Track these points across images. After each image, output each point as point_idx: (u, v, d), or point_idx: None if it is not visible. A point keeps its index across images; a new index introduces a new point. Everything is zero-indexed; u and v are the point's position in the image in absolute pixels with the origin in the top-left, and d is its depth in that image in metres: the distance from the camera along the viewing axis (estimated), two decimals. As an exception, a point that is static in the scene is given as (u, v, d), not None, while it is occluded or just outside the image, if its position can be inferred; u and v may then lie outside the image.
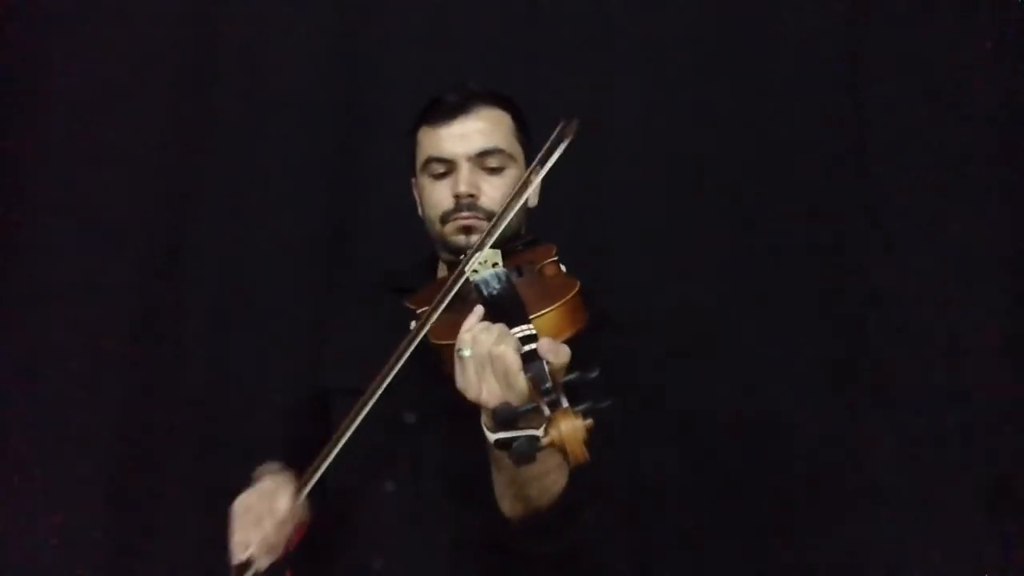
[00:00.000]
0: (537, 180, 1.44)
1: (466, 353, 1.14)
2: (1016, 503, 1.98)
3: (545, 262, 1.38)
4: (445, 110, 1.48)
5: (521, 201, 1.42)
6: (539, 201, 1.56)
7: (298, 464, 1.39)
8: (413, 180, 1.57)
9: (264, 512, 1.31)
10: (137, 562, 2.12)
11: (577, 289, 1.24)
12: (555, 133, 1.41)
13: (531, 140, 1.55)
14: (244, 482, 2.09)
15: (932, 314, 2.05)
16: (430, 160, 1.48)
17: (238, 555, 1.29)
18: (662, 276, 2.12)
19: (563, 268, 1.39)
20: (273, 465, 1.43)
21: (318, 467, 1.32)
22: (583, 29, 2.20)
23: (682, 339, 2.08)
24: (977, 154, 2.07)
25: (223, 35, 2.26)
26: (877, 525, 2.01)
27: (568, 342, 1.16)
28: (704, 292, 2.11)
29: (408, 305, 1.37)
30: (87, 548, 2.11)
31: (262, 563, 1.29)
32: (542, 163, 1.41)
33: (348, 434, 1.30)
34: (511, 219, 1.46)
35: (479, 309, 1.21)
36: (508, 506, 1.24)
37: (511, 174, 1.48)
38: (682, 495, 2.06)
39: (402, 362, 1.29)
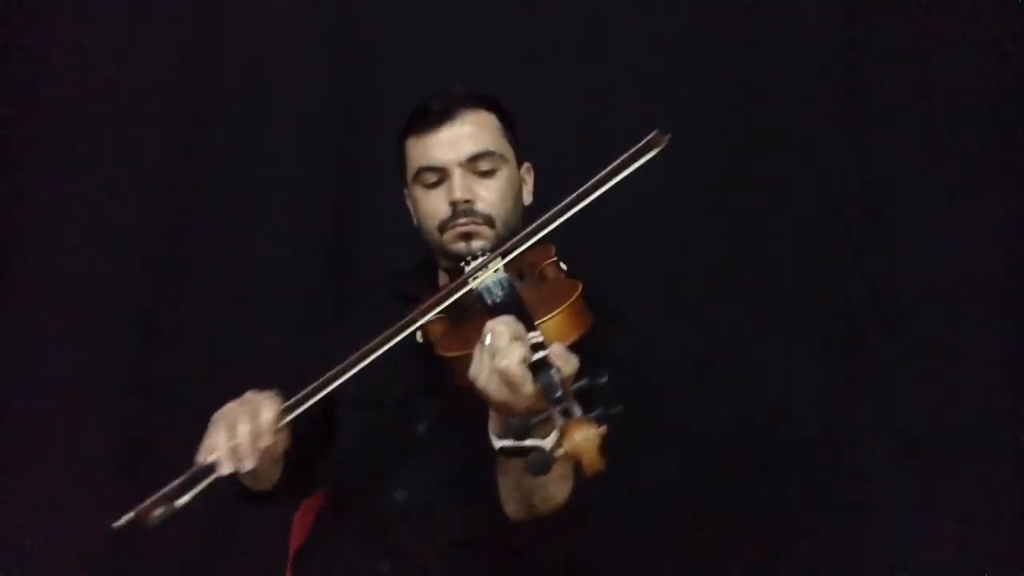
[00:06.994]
0: (606, 187, 1.33)
1: (488, 341, 1.11)
2: (1016, 503, 1.98)
3: (545, 263, 1.37)
4: (431, 118, 1.47)
5: (557, 222, 1.31)
6: (537, 204, 1.55)
7: (300, 462, 1.39)
8: (405, 191, 1.57)
9: (241, 417, 1.24)
10: (137, 561, 2.12)
11: (580, 291, 1.23)
12: (643, 141, 1.33)
13: (518, 138, 1.55)
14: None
15: (932, 313, 2.05)
16: (421, 170, 1.48)
17: (200, 458, 1.23)
18: (661, 276, 2.12)
19: (563, 267, 1.38)
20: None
21: (312, 394, 1.27)
22: (582, 30, 2.20)
23: (682, 339, 2.08)
24: (977, 152, 2.07)
25: (224, 35, 2.26)
26: (877, 525, 2.01)
27: (575, 344, 1.14)
28: (703, 292, 2.11)
29: None
30: (87, 546, 2.11)
31: (223, 469, 1.20)
32: (619, 170, 1.33)
33: (350, 373, 1.27)
34: (512, 220, 1.47)
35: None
36: (512, 509, 1.24)
37: (503, 175, 1.48)
38: (682, 495, 2.05)
39: (383, 350, 1.26)
